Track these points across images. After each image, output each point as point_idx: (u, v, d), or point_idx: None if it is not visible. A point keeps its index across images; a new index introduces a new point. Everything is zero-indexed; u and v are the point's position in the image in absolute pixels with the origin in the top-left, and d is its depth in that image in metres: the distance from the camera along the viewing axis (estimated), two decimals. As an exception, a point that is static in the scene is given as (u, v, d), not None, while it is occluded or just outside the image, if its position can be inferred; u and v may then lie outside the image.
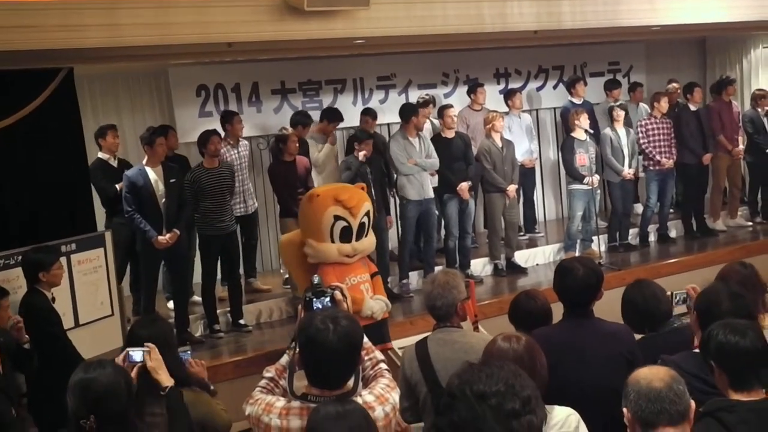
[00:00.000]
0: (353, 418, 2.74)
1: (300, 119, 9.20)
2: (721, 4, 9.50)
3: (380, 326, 6.59)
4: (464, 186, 8.92)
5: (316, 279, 3.50)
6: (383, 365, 3.36)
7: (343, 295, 3.41)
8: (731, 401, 3.03)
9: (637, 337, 4.44)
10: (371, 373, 3.34)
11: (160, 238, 7.46)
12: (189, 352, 4.24)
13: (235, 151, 8.74)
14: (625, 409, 2.77)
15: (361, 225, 6.51)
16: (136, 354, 3.65)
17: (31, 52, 6.30)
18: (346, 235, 6.45)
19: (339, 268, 6.44)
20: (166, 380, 3.63)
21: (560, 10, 8.51)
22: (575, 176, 9.62)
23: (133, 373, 3.58)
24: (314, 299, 3.40)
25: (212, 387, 4.20)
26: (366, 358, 3.37)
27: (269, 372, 3.45)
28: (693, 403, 2.74)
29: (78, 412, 3.22)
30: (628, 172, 9.89)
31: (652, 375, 2.76)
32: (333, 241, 6.42)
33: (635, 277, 8.83)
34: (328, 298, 3.40)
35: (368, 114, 9.67)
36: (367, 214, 6.64)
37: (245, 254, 9.04)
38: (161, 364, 3.64)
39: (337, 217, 6.42)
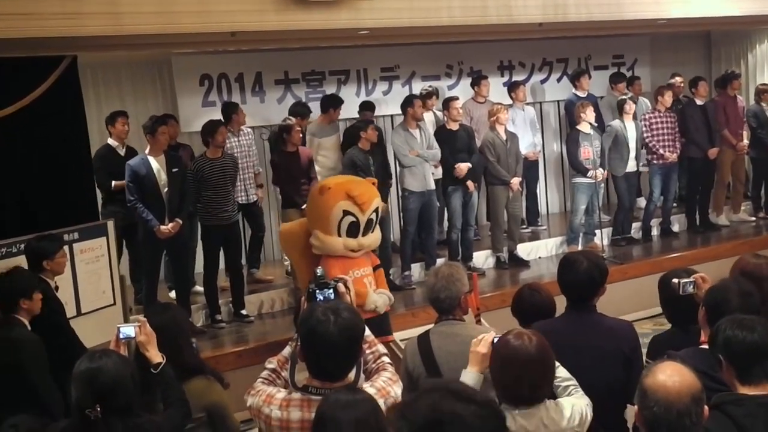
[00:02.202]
0: (362, 407, 2.74)
1: (299, 110, 9.16)
2: (727, -2, 9.48)
3: (382, 319, 6.56)
4: (463, 167, 8.87)
5: (319, 271, 3.49)
6: (386, 358, 3.36)
7: (347, 287, 3.39)
8: (739, 395, 3.02)
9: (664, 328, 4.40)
10: (373, 366, 3.33)
11: (162, 227, 7.44)
12: (194, 342, 4.23)
13: (236, 139, 8.71)
14: (637, 409, 2.73)
15: (369, 221, 6.49)
16: (128, 329, 3.63)
17: (33, 39, 6.28)
18: (353, 231, 6.42)
19: (343, 260, 6.41)
20: (156, 357, 3.62)
21: (566, 3, 8.49)
22: (579, 169, 9.59)
23: (123, 351, 3.57)
24: (317, 291, 3.40)
25: (225, 380, 4.19)
26: (368, 351, 3.36)
27: (271, 363, 3.45)
28: (707, 410, 2.71)
29: (83, 401, 3.22)
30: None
31: (677, 386, 2.66)
32: (340, 235, 6.39)
33: (638, 271, 9.02)
34: (331, 290, 3.39)
35: (367, 108, 9.64)
36: (376, 210, 6.61)
37: (251, 245, 9.04)
38: (152, 339, 3.64)
39: (346, 212, 6.37)
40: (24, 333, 5.02)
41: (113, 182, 7.93)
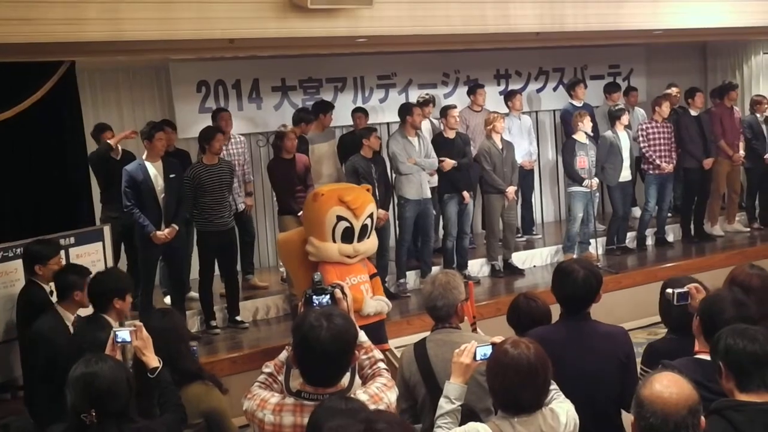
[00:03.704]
0: (354, 416, 2.74)
1: (303, 116, 9.18)
2: (724, 9, 9.50)
3: (377, 327, 6.59)
4: (448, 163, 8.88)
5: (317, 276, 3.48)
6: (382, 364, 3.36)
7: (344, 293, 3.39)
8: (739, 401, 3.04)
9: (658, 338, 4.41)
10: (369, 372, 3.34)
11: (158, 233, 7.44)
12: (195, 347, 4.23)
13: (224, 148, 8.67)
14: (633, 419, 2.74)
15: (364, 227, 6.51)
16: (124, 333, 3.65)
17: (33, 45, 6.29)
18: (347, 236, 6.45)
19: (339, 267, 6.44)
20: (153, 361, 3.64)
21: (563, 12, 8.50)
22: (575, 178, 9.61)
23: (118, 355, 3.59)
24: (314, 296, 3.40)
25: (224, 386, 4.20)
26: (364, 357, 3.36)
27: (268, 367, 3.45)
28: (704, 421, 2.71)
29: (79, 406, 3.23)
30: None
31: (674, 398, 2.65)
32: (334, 241, 6.42)
33: (632, 281, 9.04)
34: (327, 296, 3.39)
35: (361, 111, 9.68)
36: (371, 216, 6.63)
37: (242, 251, 9.02)
38: (148, 343, 3.66)
39: (339, 218, 6.41)
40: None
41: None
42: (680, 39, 10.99)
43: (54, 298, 5.86)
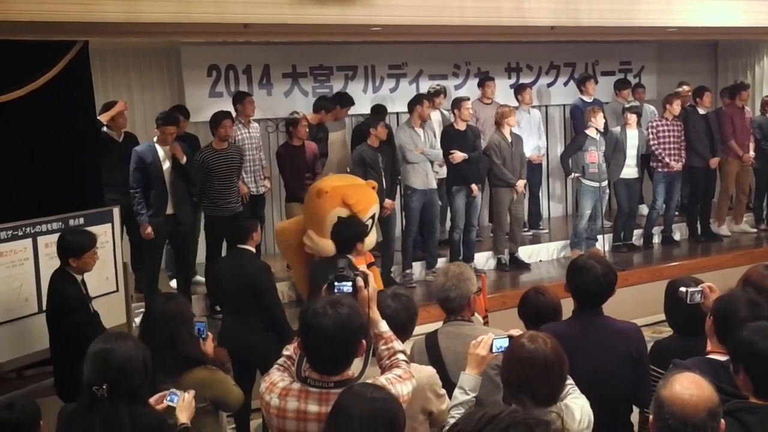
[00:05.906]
0: (377, 405, 2.73)
1: (324, 104, 9.17)
2: (738, 8, 9.48)
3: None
4: (458, 155, 8.87)
5: (341, 263, 3.43)
6: (401, 356, 3.32)
7: (366, 282, 3.36)
8: (753, 403, 3.04)
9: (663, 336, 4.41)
10: (387, 363, 3.31)
11: (147, 229, 7.44)
12: (204, 324, 4.20)
13: (246, 131, 8.70)
14: (651, 419, 2.72)
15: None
16: (173, 396, 3.71)
17: (46, 23, 6.27)
18: None
19: (336, 260, 6.42)
20: (184, 419, 3.67)
21: (578, 7, 8.48)
22: (565, 168, 9.69)
23: (160, 406, 3.63)
24: (335, 283, 3.36)
25: (228, 364, 4.22)
26: (383, 347, 3.33)
27: (288, 350, 3.43)
28: (723, 424, 2.70)
29: (93, 380, 3.23)
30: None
31: (694, 400, 2.62)
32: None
33: (638, 278, 9.03)
34: (350, 284, 3.34)
35: (378, 112, 9.62)
36: (373, 216, 6.61)
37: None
38: (188, 406, 3.71)
39: (341, 219, 6.40)
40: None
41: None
42: (693, 37, 10.97)
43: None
